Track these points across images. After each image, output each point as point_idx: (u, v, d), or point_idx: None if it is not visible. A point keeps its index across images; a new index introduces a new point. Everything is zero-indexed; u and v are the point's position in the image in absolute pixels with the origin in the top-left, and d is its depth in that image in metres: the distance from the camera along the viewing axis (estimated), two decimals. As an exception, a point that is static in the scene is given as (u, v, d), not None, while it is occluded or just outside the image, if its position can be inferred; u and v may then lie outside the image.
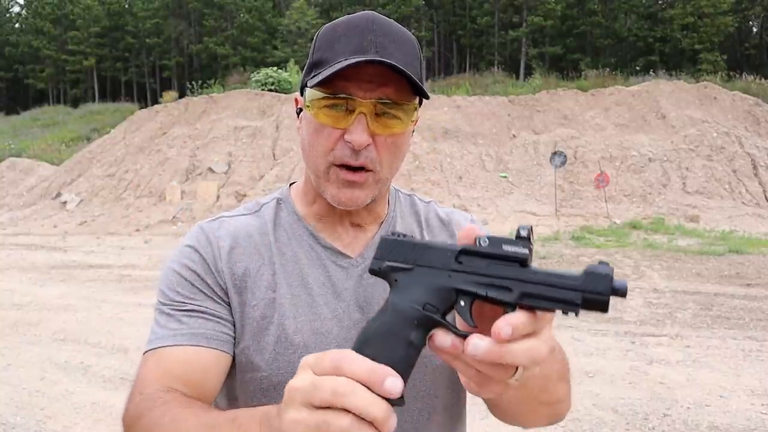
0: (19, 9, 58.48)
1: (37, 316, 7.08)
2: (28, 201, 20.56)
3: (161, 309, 0.87)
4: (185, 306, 0.86)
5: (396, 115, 0.84)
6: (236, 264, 0.89)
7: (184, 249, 0.91)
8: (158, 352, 0.83)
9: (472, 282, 0.57)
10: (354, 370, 0.51)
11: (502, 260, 0.56)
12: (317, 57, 0.86)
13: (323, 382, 0.51)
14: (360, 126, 0.82)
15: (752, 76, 26.51)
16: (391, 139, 0.85)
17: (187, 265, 0.89)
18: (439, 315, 0.57)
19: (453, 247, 0.59)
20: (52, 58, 46.48)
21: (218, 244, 0.90)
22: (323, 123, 0.84)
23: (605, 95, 20.58)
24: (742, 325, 6.26)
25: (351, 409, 0.50)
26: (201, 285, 0.88)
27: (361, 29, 0.83)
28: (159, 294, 0.89)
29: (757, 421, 3.99)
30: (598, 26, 38.02)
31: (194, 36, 45.98)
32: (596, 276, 0.53)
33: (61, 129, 31.98)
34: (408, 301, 0.58)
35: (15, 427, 4.12)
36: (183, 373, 0.82)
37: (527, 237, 0.56)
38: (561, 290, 0.53)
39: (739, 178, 16.80)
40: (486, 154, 18.30)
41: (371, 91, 0.82)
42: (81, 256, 12.02)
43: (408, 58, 0.84)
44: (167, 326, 0.85)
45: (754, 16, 39.50)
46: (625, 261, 9.76)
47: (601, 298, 0.52)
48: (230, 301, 0.88)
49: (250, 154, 19.21)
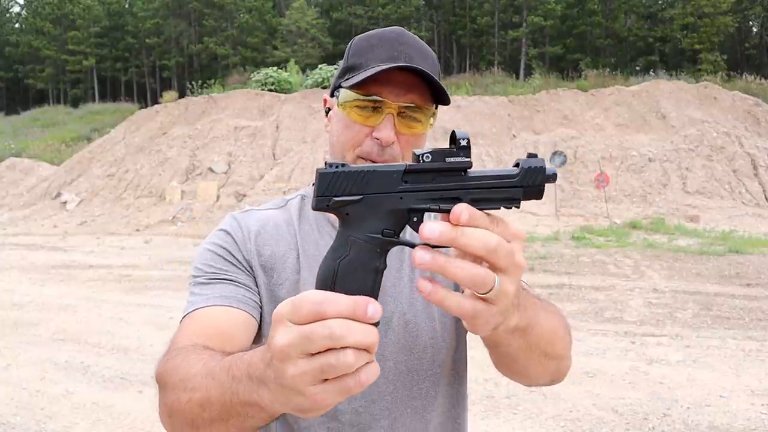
0: (19, 9, 58.47)
1: (37, 316, 7.08)
2: (28, 201, 20.55)
3: (195, 281, 0.96)
4: (218, 275, 0.95)
5: (418, 118, 0.95)
6: (263, 246, 0.99)
7: (218, 232, 1.02)
8: (193, 315, 0.91)
9: (423, 198, 0.58)
10: (338, 310, 0.52)
11: (446, 172, 0.58)
12: (352, 62, 0.97)
13: (316, 330, 0.51)
14: (388, 124, 0.92)
15: (752, 76, 26.47)
16: (413, 138, 0.96)
17: (220, 243, 0.99)
18: (396, 236, 0.59)
19: (398, 167, 0.59)
20: (52, 58, 46.44)
21: (248, 228, 1.01)
22: (355, 120, 0.94)
23: (605, 95, 20.58)
24: (742, 325, 6.26)
25: (352, 345, 0.52)
26: (232, 259, 0.97)
27: (392, 41, 0.95)
28: (193, 270, 0.98)
29: (757, 421, 3.99)
30: (598, 26, 37.99)
31: (194, 36, 45.94)
32: (532, 170, 0.58)
33: (61, 129, 31.93)
34: (366, 231, 0.58)
35: (15, 427, 4.12)
36: (215, 330, 0.87)
37: (467, 146, 0.57)
38: (505, 189, 0.58)
39: (739, 178, 16.80)
40: (486, 154, 18.29)
41: (400, 95, 0.92)
42: (81, 256, 12.02)
43: (431, 69, 0.95)
44: (201, 293, 0.93)
45: (754, 16, 39.48)
46: (625, 261, 9.75)
47: (537, 189, 0.58)
48: (256, 276, 0.97)
49: (250, 154, 19.21)
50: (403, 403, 0.97)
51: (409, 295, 1.00)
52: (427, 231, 0.53)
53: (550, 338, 0.79)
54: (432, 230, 0.53)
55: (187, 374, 0.73)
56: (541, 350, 0.79)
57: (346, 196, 0.59)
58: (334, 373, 0.53)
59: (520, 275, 0.58)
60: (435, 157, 0.57)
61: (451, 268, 0.54)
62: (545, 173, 0.58)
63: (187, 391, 0.71)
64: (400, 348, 0.97)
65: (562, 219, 14.82)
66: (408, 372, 0.97)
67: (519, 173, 0.57)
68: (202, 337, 0.85)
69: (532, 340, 0.75)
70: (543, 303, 0.83)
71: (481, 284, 0.55)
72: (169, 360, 0.79)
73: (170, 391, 0.75)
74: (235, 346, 0.83)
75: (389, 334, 0.97)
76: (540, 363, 0.83)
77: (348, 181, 0.59)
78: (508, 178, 0.57)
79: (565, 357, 0.89)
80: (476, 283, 0.55)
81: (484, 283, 0.55)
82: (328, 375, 0.53)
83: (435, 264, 0.54)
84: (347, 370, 0.53)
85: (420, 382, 0.98)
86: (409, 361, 0.97)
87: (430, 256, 0.54)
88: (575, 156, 17.70)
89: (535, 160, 0.58)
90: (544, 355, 0.81)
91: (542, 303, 0.82)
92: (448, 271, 0.54)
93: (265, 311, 0.97)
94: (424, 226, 0.54)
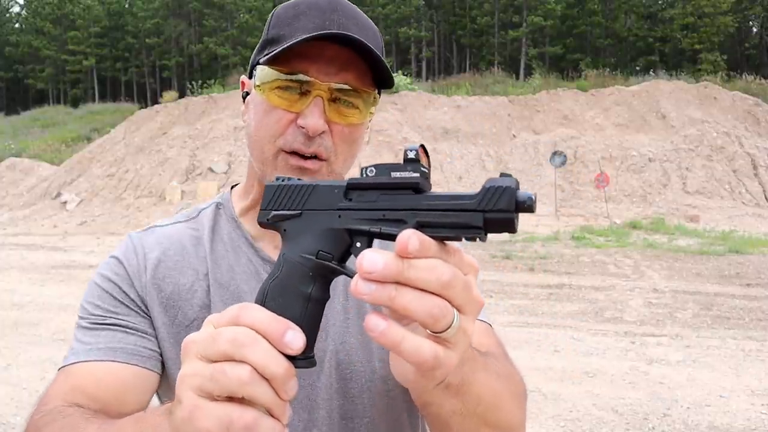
0: (19, 9, 58.51)
1: (37, 316, 7.08)
2: (28, 201, 20.56)
3: (80, 324, 0.80)
4: (105, 320, 0.79)
5: (354, 103, 0.78)
6: (164, 280, 0.82)
7: (109, 260, 0.84)
8: (69, 369, 0.76)
9: (364, 219, 0.50)
10: (253, 320, 0.47)
11: (393, 189, 0.49)
12: (273, 34, 0.79)
13: (221, 332, 0.47)
14: (316, 110, 0.75)
15: (752, 76, 26.51)
16: (348, 129, 0.79)
17: (109, 276, 0.82)
18: (335, 261, 0.52)
19: (340, 183, 0.52)
20: (52, 58, 46.47)
21: (145, 256, 0.83)
22: (275, 105, 0.77)
23: (605, 95, 20.58)
24: (742, 325, 6.26)
25: (249, 362, 0.45)
26: (123, 298, 0.80)
27: (323, 8, 0.77)
28: (80, 309, 0.82)
29: (757, 421, 3.99)
30: (598, 26, 38.02)
31: (194, 36, 45.96)
32: (495, 191, 0.45)
33: (61, 129, 31.94)
34: (299, 250, 0.53)
35: (15, 427, 4.12)
36: (95, 390, 0.73)
37: (415, 158, 0.48)
38: (459, 213, 0.46)
39: (739, 178, 16.81)
40: (486, 154, 18.30)
41: (331, 75, 0.76)
42: (81, 256, 12.02)
43: (372, 42, 0.77)
44: (82, 340, 0.78)
45: (754, 16, 39.49)
46: (625, 261, 9.76)
47: (505, 216, 0.45)
48: (153, 318, 0.81)
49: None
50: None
51: (342, 329, 0.82)
52: (367, 263, 0.43)
53: (492, 402, 0.63)
54: (373, 262, 0.43)
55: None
56: (481, 417, 0.63)
57: (286, 210, 0.54)
58: (221, 385, 0.46)
59: (478, 312, 0.48)
60: (379, 172, 0.50)
61: (403, 298, 0.43)
62: (514, 196, 0.44)
63: None
64: (333, 393, 0.81)
65: (562, 219, 14.82)
66: (341, 420, 0.81)
67: (478, 194, 0.46)
68: (81, 395, 0.73)
69: (469, 403, 0.60)
70: (488, 361, 0.66)
71: (440, 317, 0.44)
72: (43, 425, 0.68)
73: None
74: (122, 412, 0.69)
75: (321, 377, 0.81)
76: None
77: (290, 195, 0.55)
78: (464, 199, 0.46)
79: (516, 428, 0.70)
80: (434, 316, 0.43)
81: (443, 316, 0.44)
82: (215, 387, 0.46)
83: (382, 294, 0.43)
84: (236, 387, 0.45)
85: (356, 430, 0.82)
86: (342, 407, 0.81)
87: (376, 284, 0.43)
88: (575, 156, 17.71)
89: (503, 179, 0.46)
90: (483, 423, 0.64)
91: (486, 360, 0.65)
92: (398, 302, 0.43)
93: (168, 357, 0.79)
94: (363, 256, 0.43)
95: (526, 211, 0.45)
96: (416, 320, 0.44)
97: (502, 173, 0.47)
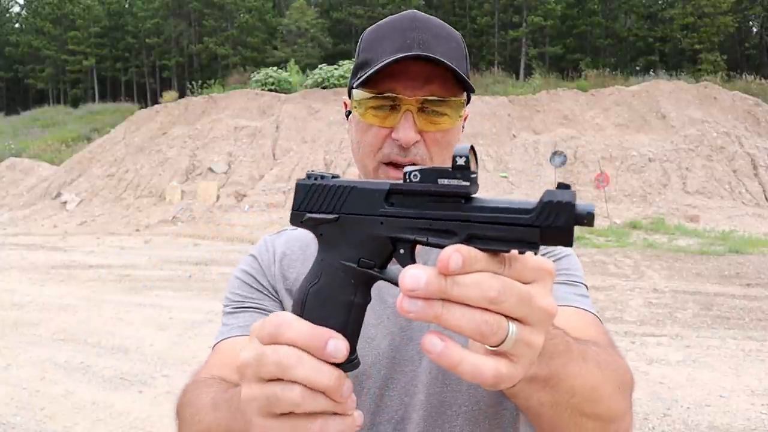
0: (19, 9, 58.47)
1: (37, 316, 7.08)
2: (28, 201, 20.56)
3: (224, 311, 0.93)
4: (243, 304, 0.91)
5: (442, 111, 0.85)
6: (288, 269, 0.94)
7: (247, 258, 0.98)
8: (217, 347, 0.88)
9: (409, 227, 0.47)
10: (292, 336, 0.47)
11: (438, 197, 0.46)
12: (362, 58, 0.88)
13: (266, 355, 0.47)
14: (407, 123, 0.83)
15: (752, 76, 26.49)
16: (440, 135, 0.86)
17: (247, 270, 0.96)
18: (377, 268, 0.49)
19: (381, 186, 0.49)
20: (52, 58, 46.45)
21: (274, 250, 0.97)
22: (370, 122, 0.86)
23: (605, 95, 20.58)
24: (742, 325, 6.26)
25: (299, 380, 0.46)
26: (257, 285, 0.93)
27: (403, 28, 0.85)
28: (224, 300, 0.95)
29: (757, 421, 3.99)
30: (598, 26, 38.01)
31: (194, 36, 45.94)
32: (554, 206, 0.43)
33: (61, 129, 31.94)
34: (339, 257, 0.50)
35: (15, 427, 4.12)
36: (232, 361, 0.80)
37: (465, 165, 0.45)
38: (514, 228, 0.43)
39: (739, 178, 16.81)
40: (486, 154, 18.30)
41: (417, 89, 0.83)
42: (81, 256, 12.02)
43: (453, 53, 0.84)
44: (227, 323, 0.90)
45: (754, 16, 39.47)
46: (625, 261, 9.76)
47: (562, 232, 0.43)
48: (282, 301, 0.92)
49: (250, 154, 19.21)
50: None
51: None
52: (409, 281, 0.42)
53: (589, 395, 0.62)
54: (416, 279, 0.42)
55: (197, 408, 0.72)
56: (576, 408, 0.62)
57: (321, 213, 0.51)
58: (279, 407, 0.47)
59: (547, 322, 0.45)
60: (424, 177, 0.46)
61: (450, 315, 0.42)
62: (574, 211, 0.42)
63: (194, 424, 0.70)
64: (432, 379, 0.85)
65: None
66: (440, 406, 0.84)
67: (535, 208, 0.43)
68: (223, 369, 0.82)
69: (561, 395, 0.59)
70: (588, 350, 0.65)
71: (489, 334, 0.43)
72: (186, 393, 0.79)
73: (183, 425, 0.75)
74: None
75: (423, 362, 0.85)
76: (576, 425, 0.64)
77: (325, 197, 0.51)
78: (519, 213, 0.43)
79: (618, 418, 0.67)
80: (483, 333, 0.43)
81: (493, 332, 0.43)
82: (274, 408, 0.47)
83: (428, 313, 0.43)
84: (292, 407, 0.47)
85: (453, 418, 0.84)
86: (441, 394, 0.84)
87: (421, 301, 0.42)
88: (575, 156, 17.71)
89: (562, 192, 0.43)
90: (580, 415, 0.63)
91: (587, 350, 0.64)
92: (444, 319, 0.42)
93: None
94: (405, 274, 0.42)
95: (586, 225, 0.43)
96: (467, 336, 0.43)
97: (560, 183, 0.45)
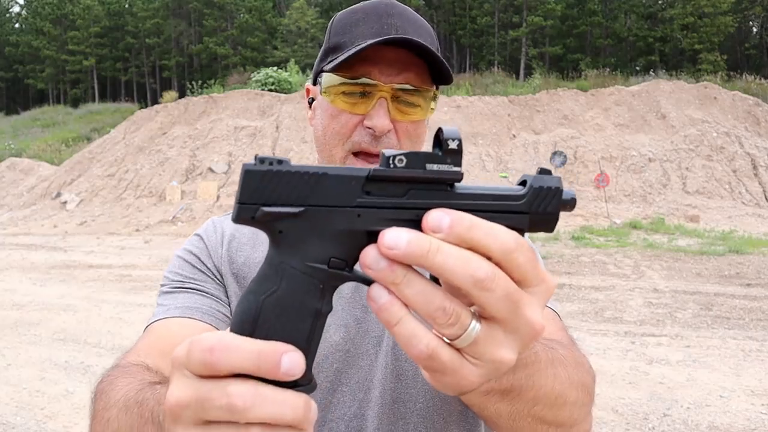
0: (19, 9, 58.47)
1: (37, 316, 7.07)
2: (28, 201, 20.56)
3: (161, 291, 0.86)
4: (184, 284, 0.85)
5: (415, 102, 0.82)
6: (237, 252, 0.88)
7: (192, 237, 0.93)
8: (150, 327, 0.81)
9: (390, 219, 0.41)
10: (236, 362, 0.37)
11: (426, 184, 0.41)
12: (334, 42, 0.84)
13: (213, 398, 0.37)
14: (381, 110, 0.79)
15: (752, 76, 26.50)
16: (411, 126, 0.83)
17: (190, 249, 0.90)
18: (349, 268, 0.42)
19: (357, 171, 0.41)
20: (52, 58, 46.48)
21: (222, 232, 0.91)
22: (341, 109, 0.81)
23: (605, 95, 20.58)
24: (742, 325, 6.26)
25: (258, 422, 0.37)
26: (200, 266, 0.87)
27: (380, 13, 0.82)
28: (163, 280, 0.89)
29: (757, 421, 3.99)
30: (598, 26, 38.04)
31: (194, 36, 45.97)
32: (547, 193, 0.42)
33: (61, 129, 31.96)
34: (305, 258, 0.41)
35: (15, 427, 4.12)
36: (169, 344, 0.73)
37: (458, 149, 0.41)
38: (504, 215, 0.42)
39: (739, 178, 16.81)
40: (486, 154, 18.30)
41: (393, 75, 0.79)
42: (81, 256, 12.02)
43: (428, 42, 0.82)
44: (163, 303, 0.83)
45: (754, 16, 39.49)
46: (625, 261, 9.76)
47: (550, 218, 0.42)
48: (227, 286, 0.86)
49: (250, 154, 19.21)
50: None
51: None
52: (389, 238, 0.37)
53: (552, 402, 0.57)
54: (397, 238, 0.36)
55: (107, 402, 0.63)
56: (537, 417, 0.57)
57: (281, 206, 0.40)
58: None
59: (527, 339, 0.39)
60: (411, 162, 0.41)
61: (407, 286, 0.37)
62: (561, 197, 0.42)
63: (102, 421, 0.61)
64: (387, 374, 0.80)
65: (562, 219, 14.82)
66: (393, 403, 0.80)
67: (526, 194, 0.41)
68: (151, 353, 0.74)
69: (522, 406, 0.55)
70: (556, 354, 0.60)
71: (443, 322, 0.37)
72: (104, 380, 0.69)
73: (93, 418, 0.65)
74: None
75: (379, 356, 0.81)
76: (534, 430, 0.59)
77: (286, 185, 0.40)
78: (510, 199, 0.41)
79: (579, 422, 0.63)
80: (436, 319, 0.37)
81: (449, 322, 0.37)
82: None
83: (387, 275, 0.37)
84: None
85: (408, 415, 0.80)
86: (395, 390, 0.80)
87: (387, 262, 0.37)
88: (575, 156, 17.71)
89: (549, 178, 0.42)
90: (541, 422, 0.58)
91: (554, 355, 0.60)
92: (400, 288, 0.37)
93: None
94: (386, 232, 0.37)
95: (568, 210, 0.43)
96: (418, 314, 0.38)
97: (541, 168, 0.43)
